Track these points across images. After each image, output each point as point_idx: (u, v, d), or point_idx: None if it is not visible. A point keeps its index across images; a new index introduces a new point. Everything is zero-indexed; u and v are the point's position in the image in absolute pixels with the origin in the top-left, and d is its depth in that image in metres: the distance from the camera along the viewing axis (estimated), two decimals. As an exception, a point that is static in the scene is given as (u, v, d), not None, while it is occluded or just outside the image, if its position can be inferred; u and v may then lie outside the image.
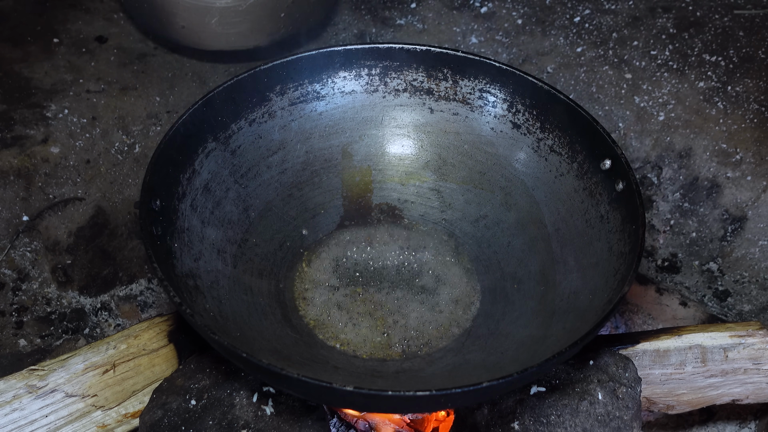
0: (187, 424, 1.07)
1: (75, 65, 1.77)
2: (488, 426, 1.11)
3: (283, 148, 1.30)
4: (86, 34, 1.86)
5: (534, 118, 1.26)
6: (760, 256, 1.57)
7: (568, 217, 1.21)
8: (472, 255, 1.28)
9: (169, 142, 1.13)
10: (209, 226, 1.18)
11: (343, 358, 1.14)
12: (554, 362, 0.92)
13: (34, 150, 1.59)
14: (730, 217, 1.61)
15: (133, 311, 1.54)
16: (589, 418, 1.09)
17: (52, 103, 1.67)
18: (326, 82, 1.31)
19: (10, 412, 1.07)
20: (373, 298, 1.22)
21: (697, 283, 1.59)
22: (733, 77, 1.73)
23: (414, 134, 1.35)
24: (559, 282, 1.16)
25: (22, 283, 1.50)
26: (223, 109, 1.22)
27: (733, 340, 1.20)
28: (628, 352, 1.19)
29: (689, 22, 1.85)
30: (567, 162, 1.23)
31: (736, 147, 1.64)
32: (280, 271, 1.24)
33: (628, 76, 1.77)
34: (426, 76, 1.32)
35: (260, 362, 0.89)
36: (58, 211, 1.57)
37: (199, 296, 1.07)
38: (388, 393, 0.88)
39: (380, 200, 1.35)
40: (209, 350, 1.15)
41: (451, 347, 1.16)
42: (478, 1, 1.97)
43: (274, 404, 1.10)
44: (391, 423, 1.19)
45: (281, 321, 1.16)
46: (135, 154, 1.66)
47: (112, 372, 1.13)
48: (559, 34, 1.88)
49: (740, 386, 1.23)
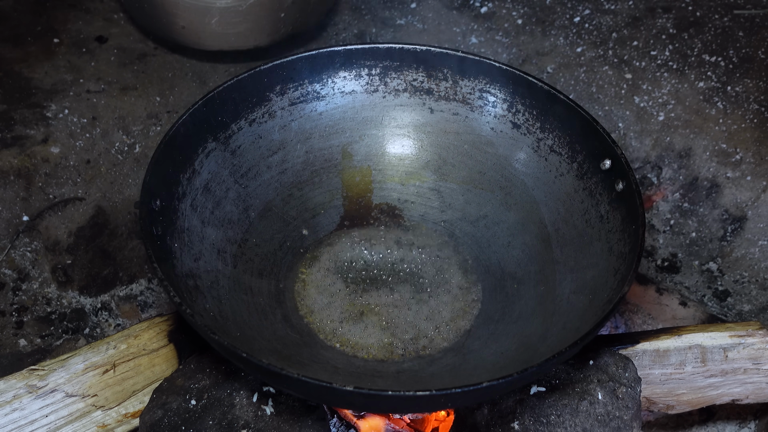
0: (187, 424, 1.07)
1: (75, 65, 1.77)
2: (488, 426, 1.11)
3: (283, 148, 1.30)
4: (86, 34, 1.86)
5: (534, 118, 1.26)
6: (760, 256, 1.57)
7: (568, 217, 1.21)
8: (472, 255, 1.28)
9: (169, 142, 1.13)
10: (209, 226, 1.18)
11: (343, 358, 1.14)
12: (554, 362, 0.92)
13: (34, 150, 1.59)
14: (729, 217, 1.61)
15: (133, 311, 1.54)
16: (589, 418, 1.09)
17: (52, 103, 1.67)
18: (326, 82, 1.31)
19: (10, 412, 1.07)
20: (373, 298, 1.22)
21: (697, 283, 1.59)
22: (733, 77, 1.73)
23: (414, 134, 1.35)
24: (559, 282, 1.16)
25: (22, 283, 1.50)
26: (223, 109, 1.22)
27: (732, 340, 1.20)
28: (628, 352, 1.19)
29: (689, 22, 1.85)
30: (567, 162, 1.23)
31: (736, 147, 1.64)
32: (280, 271, 1.24)
33: (628, 76, 1.77)
34: (426, 76, 1.32)
35: (260, 362, 0.89)
36: (58, 211, 1.57)
37: (199, 296, 1.07)
38: (388, 393, 0.88)
39: (380, 200, 1.35)
40: (209, 350, 1.15)
41: (451, 347, 1.16)
42: (478, 1, 1.97)
43: (274, 404, 1.10)
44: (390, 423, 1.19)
45: (281, 321, 1.16)
46: (135, 154, 1.66)
47: (112, 372, 1.13)
48: (559, 34, 1.88)
49: (740, 386, 1.23)
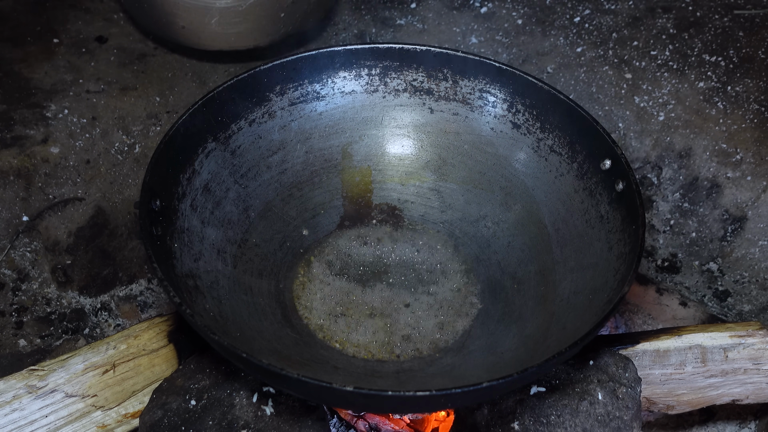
0: (187, 424, 1.07)
1: (75, 65, 1.77)
2: (488, 426, 1.11)
3: (283, 148, 1.30)
4: (86, 34, 1.86)
5: (534, 118, 1.26)
6: (760, 256, 1.57)
7: (568, 217, 1.21)
8: (472, 255, 1.28)
9: (169, 142, 1.13)
10: (209, 226, 1.18)
11: (342, 358, 1.14)
12: (554, 362, 0.92)
13: (34, 150, 1.59)
14: (730, 217, 1.61)
15: (133, 311, 1.54)
16: (589, 418, 1.09)
17: (52, 103, 1.67)
18: (326, 82, 1.31)
19: (10, 412, 1.07)
20: (373, 298, 1.22)
21: (697, 283, 1.59)
22: (733, 77, 1.73)
23: (414, 134, 1.35)
24: (559, 282, 1.16)
25: (22, 283, 1.50)
26: (223, 109, 1.22)
27: (733, 340, 1.20)
28: (628, 352, 1.19)
29: (689, 23, 1.85)
30: (567, 162, 1.23)
31: (736, 147, 1.64)
32: (280, 271, 1.24)
33: (628, 76, 1.77)
34: (426, 76, 1.32)
35: (260, 362, 0.89)
36: (58, 211, 1.57)
37: (199, 296, 1.07)
38: (388, 393, 0.88)
39: (380, 200, 1.35)
40: (209, 350, 1.15)
41: (451, 347, 1.16)
42: (478, 1, 1.97)
43: (274, 404, 1.10)
44: (390, 423, 1.19)
45: (281, 321, 1.16)
46: (135, 154, 1.66)
47: (112, 372, 1.13)
48: (559, 34, 1.88)
49: (740, 386, 1.23)
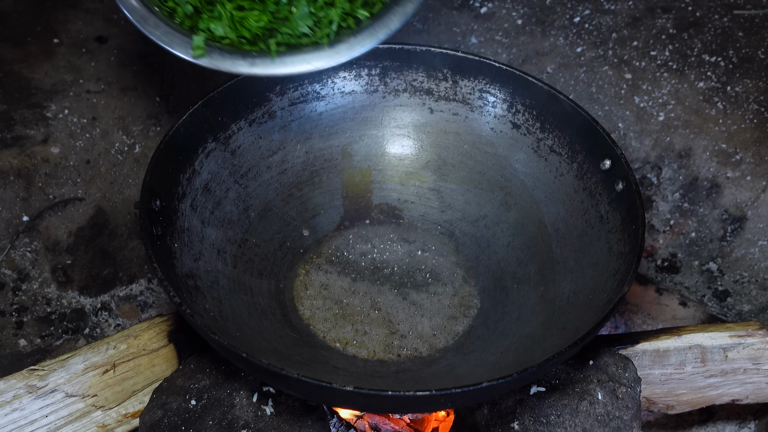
0: (187, 424, 1.07)
1: (75, 65, 1.77)
2: (488, 426, 1.11)
3: (283, 148, 1.30)
4: (86, 34, 1.86)
5: (534, 118, 1.26)
6: (759, 256, 1.57)
7: (568, 218, 1.21)
8: (472, 255, 1.28)
9: (169, 142, 1.13)
10: (209, 226, 1.18)
11: (343, 358, 1.14)
12: (554, 362, 0.92)
13: (34, 150, 1.59)
14: (729, 217, 1.61)
15: (133, 311, 1.54)
16: (588, 418, 1.09)
17: (52, 104, 1.67)
18: (326, 82, 1.31)
19: (10, 412, 1.07)
20: (373, 298, 1.22)
21: (697, 283, 1.59)
22: (733, 77, 1.73)
23: (414, 134, 1.35)
24: (559, 282, 1.16)
25: (22, 283, 1.50)
26: (223, 109, 1.22)
27: (732, 340, 1.20)
28: (628, 352, 1.19)
29: (689, 23, 1.85)
30: (567, 162, 1.23)
31: (736, 147, 1.64)
32: (280, 271, 1.24)
33: (628, 77, 1.77)
34: (426, 76, 1.32)
35: (260, 362, 0.89)
36: (58, 211, 1.57)
37: (199, 296, 1.07)
38: (388, 393, 0.88)
39: (380, 200, 1.35)
40: (209, 350, 1.15)
41: (451, 347, 1.16)
42: (478, 1, 1.97)
43: (274, 404, 1.10)
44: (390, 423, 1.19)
45: (281, 321, 1.16)
46: (135, 154, 1.66)
47: (112, 372, 1.13)
48: (559, 34, 1.88)
49: (740, 386, 1.23)
